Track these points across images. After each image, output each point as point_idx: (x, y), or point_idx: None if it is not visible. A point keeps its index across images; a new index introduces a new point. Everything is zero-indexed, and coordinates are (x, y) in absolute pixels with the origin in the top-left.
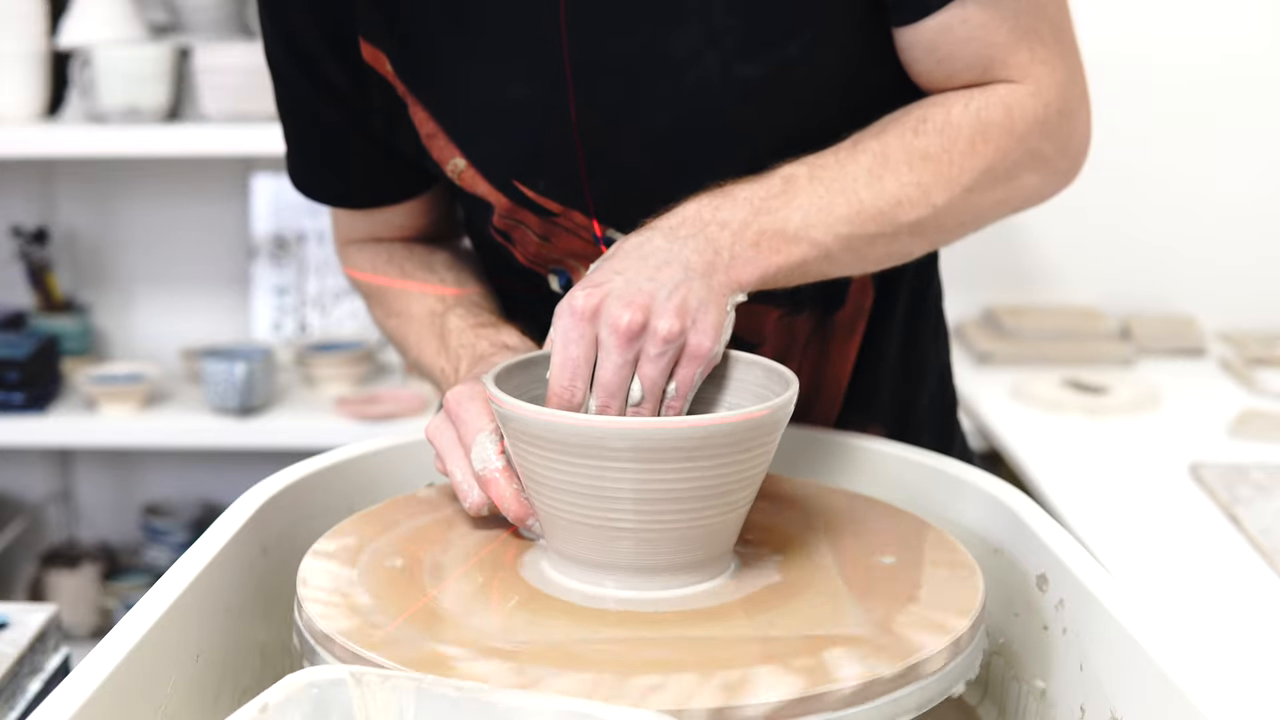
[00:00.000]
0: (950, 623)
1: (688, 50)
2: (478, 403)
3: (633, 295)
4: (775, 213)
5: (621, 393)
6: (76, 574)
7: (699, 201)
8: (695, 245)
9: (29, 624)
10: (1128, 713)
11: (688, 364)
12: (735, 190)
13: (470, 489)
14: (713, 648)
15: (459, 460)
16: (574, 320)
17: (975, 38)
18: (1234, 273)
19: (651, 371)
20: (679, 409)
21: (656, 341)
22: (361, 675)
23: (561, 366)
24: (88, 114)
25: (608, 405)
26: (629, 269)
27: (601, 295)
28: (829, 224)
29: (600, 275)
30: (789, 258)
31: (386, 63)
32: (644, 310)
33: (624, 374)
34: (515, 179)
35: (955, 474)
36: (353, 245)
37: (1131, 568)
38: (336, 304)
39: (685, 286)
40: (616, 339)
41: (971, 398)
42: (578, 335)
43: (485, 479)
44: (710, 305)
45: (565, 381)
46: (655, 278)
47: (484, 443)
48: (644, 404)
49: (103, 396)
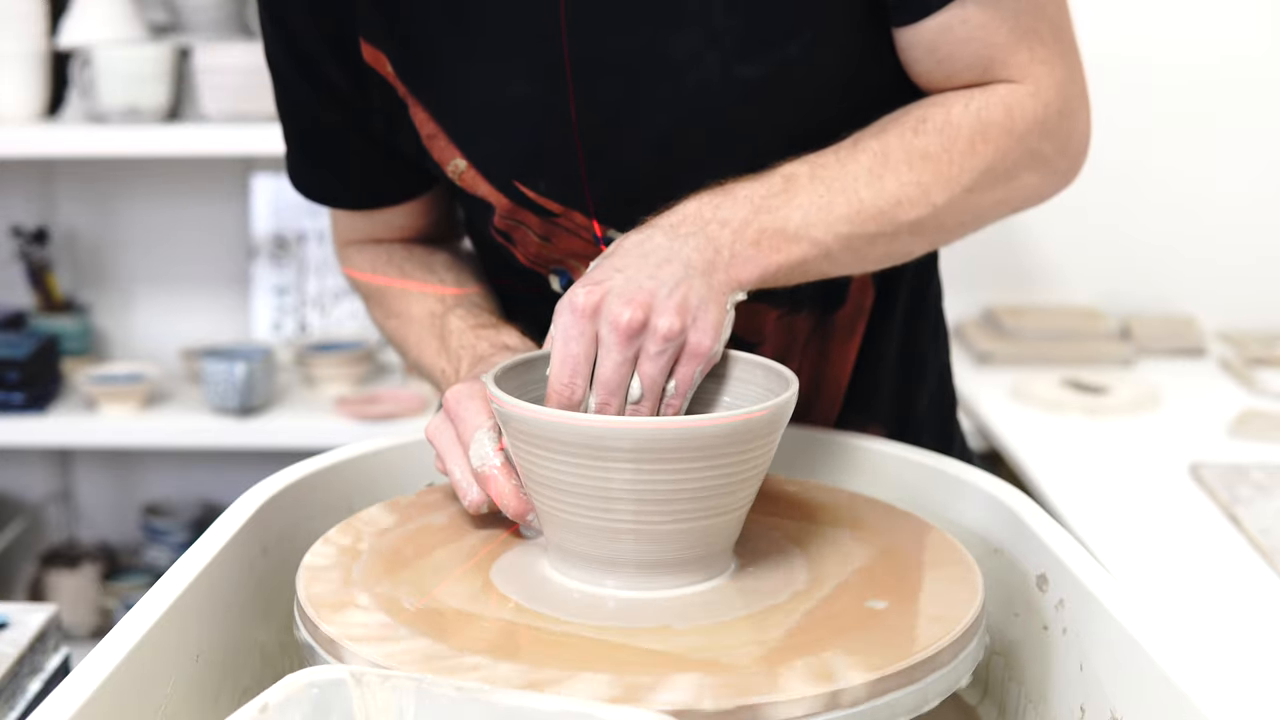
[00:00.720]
0: (950, 623)
1: (687, 51)
2: (476, 401)
3: (633, 293)
4: (776, 211)
5: (621, 390)
6: (76, 574)
7: (699, 200)
8: (696, 243)
9: (29, 624)
10: (1128, 713)
11: (687, 362)
12: (736, 189)
13: (469, 487)
14: (711, 648)
15: (458, 459)
16: (574, 317)
17: (975, 38)
18: (1234, 273)
19: (651, 370)
20: (678, 407)
21: (656, 339)
22: (361, 675)
23: (562, 363)
24: (88, 114)
25: (607, 403)
26: (629, 266)
27: (602, 293)
28: (829, 223)
29: (601, 273)
30: (789, 256)
31: (387, 64)
32: (644, 308)
33: (624, 372)
34: (516, 179)
35: (955, 474)
36: (352, 246)
37: (1131, 568)
38: (336, 304)
39: (686, 285)
40: (617, 336)
41: (971, 398)
42: (578, 332)
43: (484, 476)
44: (710, 304)
45: (565, 379)
46: (656, 275)
47: (482, 440)
48: (643, 402)
49: (103, 396)
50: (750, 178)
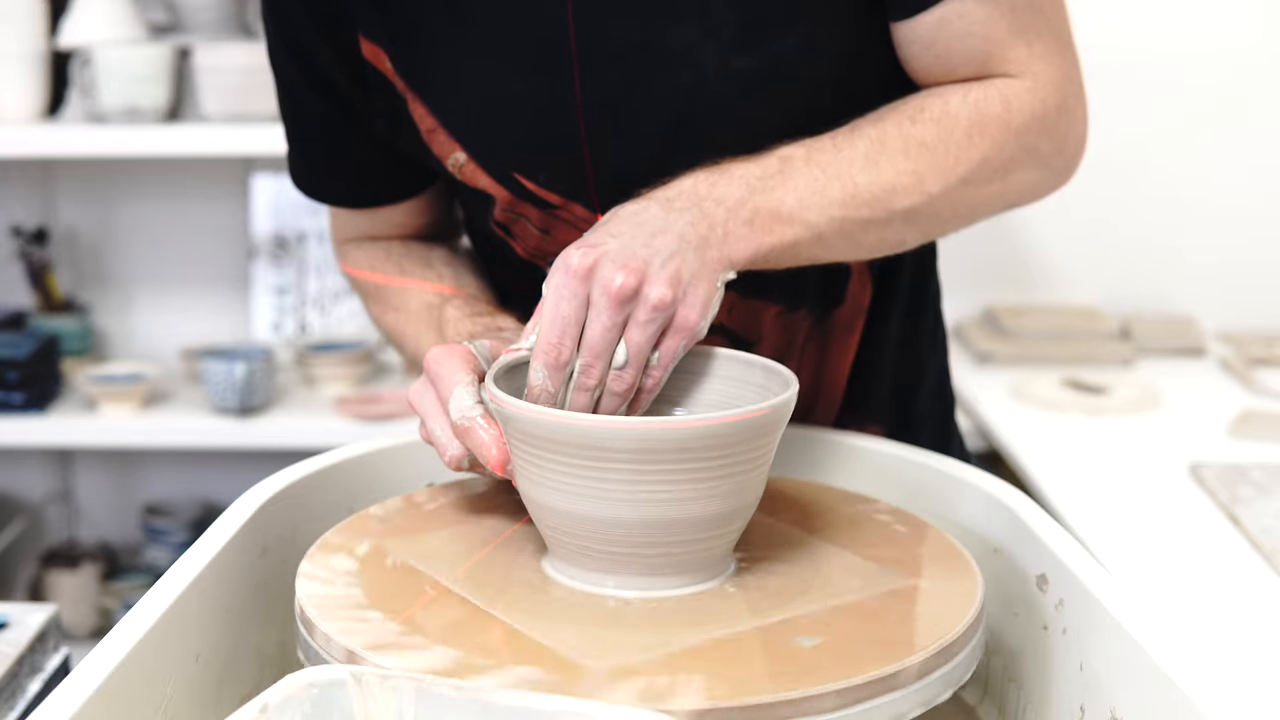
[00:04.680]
0: (950, 623)
1: (685, 42)
2: (455, 358)
3: (628, 259)
4: (771, 193)
5: (607, 354)
6: (76, 574)
7: (696, 177)
8: (690, 218)
9: (29, 624)
10: (1128, 713)
11: (673, 335)
12: (732, 168)
13: (449, 443)
14: (710, 648)
15: (439, 416)
16: (567, 277)
17: (973, 33)
18: (1234, 273)
19: (639, 337)
20: (658, 379)
21: (647, 308)
22: (361, 675)
23: (552, 322)
24: (88, 114)
25: (591, 365)
26: (625, 234)
27: (597, 256)
28: (823, 206)
29: (596, 237)
30: (782, 238)
31: (386, 60)
32: (638, 275)
33: (611, 337)
34: (515, 171)
35: (955, 474)
36: (351, 243)
37: (1131, 568)
38: (336, 304)
39: (679, 257)
40: (608, 300)
41: (971, 398)
42: (570, 293)
43: (463, 428)
44: (701, 279)
45: (554, 338)
46: (650, 245)
47: (461, 393)
48: (626, 368)
49: (103, 396)
50: (747, 159)
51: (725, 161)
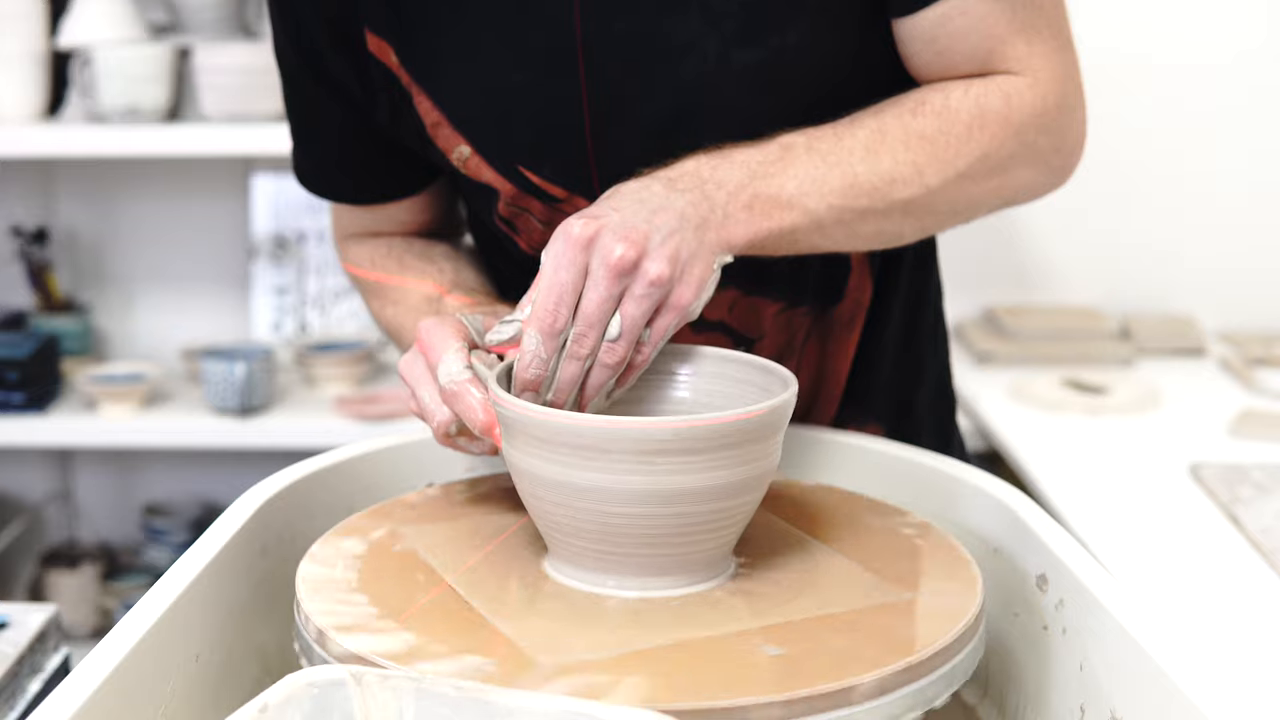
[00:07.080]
0: (949, 623)
1: (687, 35)
2: (446, 326)
3: (628, 232)
4: (771, 178)
5: (601, 325)
6: (76, 574)
7: (698, 160)
8: (691, 198)
9: (29, 624)
10: (1128, 713)
11: (667, 313)
12: (734, 153)
13: (437, 409)
14: (710, 648)
15: (427, 384)
16: (567, 245)
17: (974, 30)
18: (1234, 273)
19: (634, 311)
20: (647, 356)
21: (644, 282)
22: (361, 675)
23: (549, 289)
24: (88, 114)
25: (585, 334)
26: (627, 208)
27: (598, 227)
28: (822, 194)
29: (598, 209)
30: (780, 223)
31: (392, 53)
32: (638, 248)
33: (607, 308)
34: (520, 164)
35: (955, 474)
36: (352, 240)
37: (1131, 568)
38: (336, 304)
39: (679, 236)
40: (606, 270)
41: (971, 398)
42: (568, 261)
43: (451, 393)
44: (699, 259)
45: (550, 305)
46: (651, 220)
47: (451, 359)
48: (619, 341)
49: (103, 396)
50: (748, 144)
51: (727, 146)
